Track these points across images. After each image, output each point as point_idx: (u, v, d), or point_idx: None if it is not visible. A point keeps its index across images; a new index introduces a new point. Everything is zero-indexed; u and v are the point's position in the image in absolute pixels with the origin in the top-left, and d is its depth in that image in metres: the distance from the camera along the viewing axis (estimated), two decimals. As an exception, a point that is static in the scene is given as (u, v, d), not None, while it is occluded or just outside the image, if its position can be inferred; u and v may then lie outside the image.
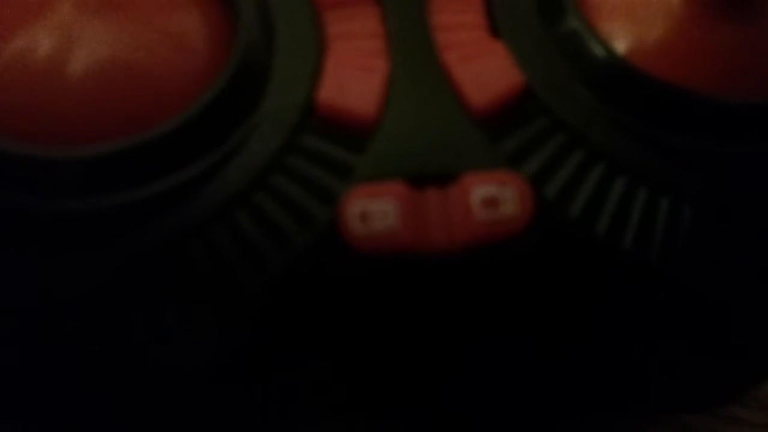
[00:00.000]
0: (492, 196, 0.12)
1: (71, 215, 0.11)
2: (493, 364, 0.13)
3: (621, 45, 0.13)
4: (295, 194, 0.12)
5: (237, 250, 0.12)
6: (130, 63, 0.12)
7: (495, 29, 0.13)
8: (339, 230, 0.12)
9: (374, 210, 0.11)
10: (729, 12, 0.13)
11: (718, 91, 0.12)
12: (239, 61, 0.12)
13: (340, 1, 0.13)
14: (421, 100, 0.12)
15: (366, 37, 0.13)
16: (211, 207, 0.12)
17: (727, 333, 0.13)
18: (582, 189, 0.12)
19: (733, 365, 0.14)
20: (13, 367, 0.12)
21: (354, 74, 0.12)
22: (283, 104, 0.12)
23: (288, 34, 0.13)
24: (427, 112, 0.12)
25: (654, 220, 0.12)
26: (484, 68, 0.13)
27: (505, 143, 0.12)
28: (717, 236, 0.12)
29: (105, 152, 0.11)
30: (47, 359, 0.12)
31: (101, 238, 0.11)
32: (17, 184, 0.11)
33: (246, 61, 0.12)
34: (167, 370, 0.12)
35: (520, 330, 0.12)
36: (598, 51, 0.13)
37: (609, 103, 0.12)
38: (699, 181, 0.12)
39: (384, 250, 0.11)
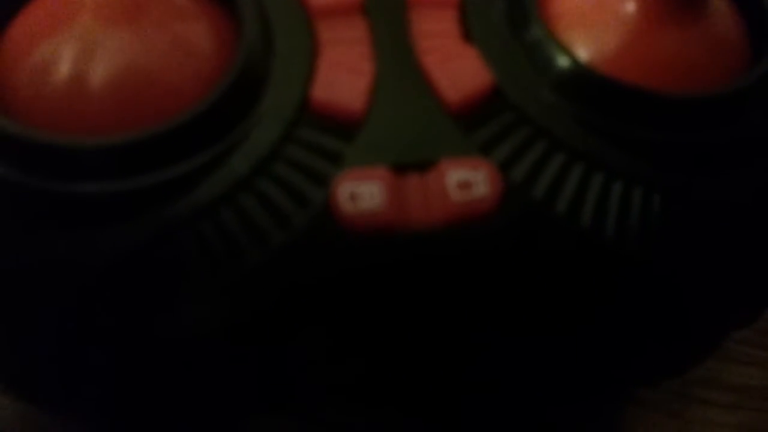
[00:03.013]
0: (465, 180, 0.13)
1: (95, 197, 0.12)
2: (466, 331, 0.14)
3: (578, 49, 0.14)
4: (293, 179, 0.13)
5: (242, 229, 0.13)
6: (145, 67, 0.13)
7: (468, 36, 0.14)
8: (331, 210, 0.13)
9: (362, 192, 0.13)
10: (677, 16, 0.14)
11: (667, 86, 0.14)
12: (242, 64, 0.13)
13: (332, 12, 0.14)
14: (403, 97, 0.13)
15: (354, 43, 0.14)
16: (218, 191, 0.13)
17: (679, 307, 0.14)
18: (544, 174, 0.13)
19: (682, 339, 0.15)
20: (33, 336, 0.13)
21: (343, 75, 0.13)
22: (281, 101, 0.13)
23: (285, 40, 0.14)
24: (408, 107, 0.13)
25: (609, 202, 0.13)
26: (458, 70, 0.14)
27: (477, 134, 0.13)
28: (665, 216, 0.13)
29: (124, 142, 0.12)
30: (63, 330, 0.13)
31: (120, 218, 0.12)
32: (48, 168, 0.13)
33: (248, 64, 0.13)
34: (177, 341, 0.13)
35: (489, 300, 0.13)
36: (558, 56, 0.14)
37: (568, 100, 0.14)
38: (649, 166, 0.13)
39: (371, 227, 0.12)
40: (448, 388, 0.15)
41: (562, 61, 0.14)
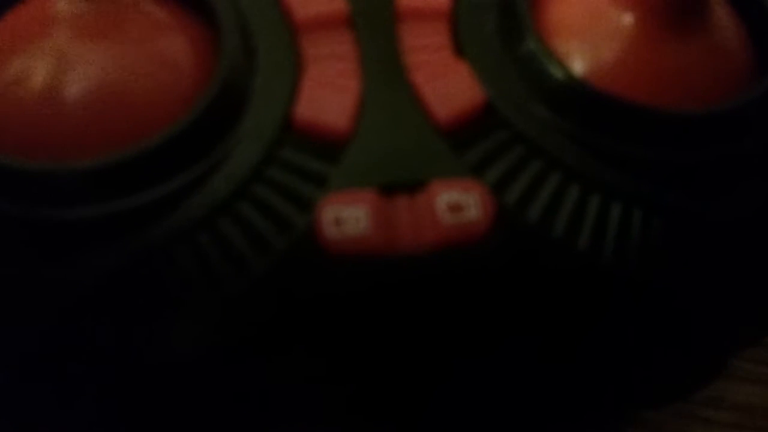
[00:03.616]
0: (456, 202, 0.12)
1: (67, 223, 0.12)
2: (458, 358, 0.13)
3: (574, 64, 0.14)
4: (275, 202, 0.12)
5: (221, 254, 0.12)
6: (121, 84, 0.13)
7: (459, 50, 0.14)
8: (315, 235, 0.12)
9: (347, 216, 0.12)
10: (676, 28, 0.14)
11: (666, 102, 0.13)
12: (222, 82, 0.13)
13: (317, 26, 0.14)
14: (391, 115, 0.13)
15: (340, 58, 0.14)
16: (196, 215, 0.12)
17: (677, 330, 0.14)
18: (539, 195, 0.13)
19: (686, 362, 0.15)
20: (11, 367, 0.13)
21: (328, 92, 0.13)
22: (263, 120, 0.13)
23: (267, 56, 0.14)
24: (396, 126, 0.13)
25: (606, 224, 0.13)
26: (449, 86, 0.13)
27: (469, 154, 0.13)
28: (665, 237, 0.13)
29: (98, 165, 0.12)
30: (41, 357, 0.13)
31: (94, 244, 0.12)
32: (23, 194, 0.12)
33: (228, 81, 0.13)
34: (154, 369, 0.13)
35: (481, 327, 0.13)
36: (553, 70, 0.13)
37: (564, 117, 0.13)
38: (647, 186, 0.13)
39: (356, 253, 0.12)
40: (439, 414, 0.15)
41: (558, 76, 0.13)
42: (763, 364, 0.20)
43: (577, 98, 0.13)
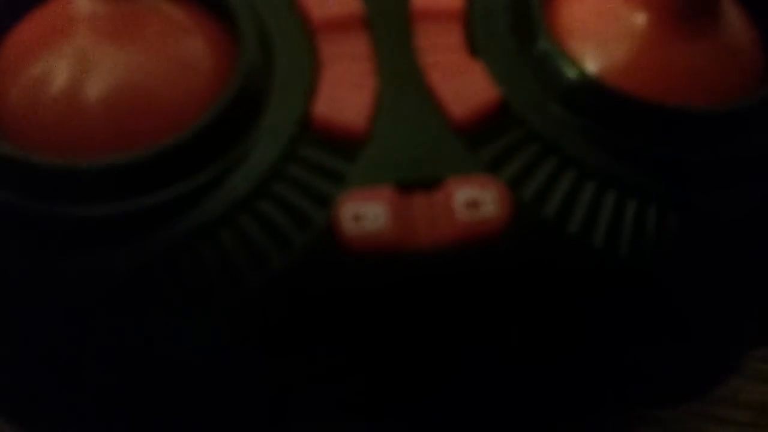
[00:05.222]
0: (474, 199, 0.12)
1: (92, 219, 0.12)
2: (475, 354, 0.13)
3: (587, 63, 0.14)
4: (294, 199, 0.13)
5: (241, 250, 0.12)
6: (142, 83, 0.13)
7: (474, 50, 0.14)
8: (334, 231, 0.12)
9: (366, 212, 0.12)
10: (688, 27, 0.14)
11: (679, 99, 0.13)
12: (241, 82, 0.13)
13: (334, 26, 0.14)
14: (408, 113, 0.13)
15: (356, 58, 0.14)
16: (217, 211, 0.12)
17: (692, 328, 0.14)
18: (555, 192, 0.13)
19: (700, 361, 0.15)
20: (32, 360, 0.13)
21: (346, 91, 0.13)
22: (282, 119, 0.13)
23: (286, 57, 0.14)
24: (412, 124, 0.13)
25: (622, 221, 0.13)
26: (464, 85, 0.13)
27: (484, 152, 0.13)
28: (681, 235, 0.13)
29: (121, 163, 0.12)
30: (64, 353, 0.13)
31: (118, 240, 0.12)
32: (47, 191, 0.12)
33: (247, 82, 0.13)
34: (175, 363, 0.13)
35: (498, 323, 0.13)
36: (566, 70, 0.14)
37: (578, 115, 0.13)
38: (662, 182, 0.13)
39: (375, 249, 0.12)
40: (454, 407, 0.15)
41: (571, 74, 0.14)
42: (778, 364, 0.20)
43: (591, 96, 0.13)
